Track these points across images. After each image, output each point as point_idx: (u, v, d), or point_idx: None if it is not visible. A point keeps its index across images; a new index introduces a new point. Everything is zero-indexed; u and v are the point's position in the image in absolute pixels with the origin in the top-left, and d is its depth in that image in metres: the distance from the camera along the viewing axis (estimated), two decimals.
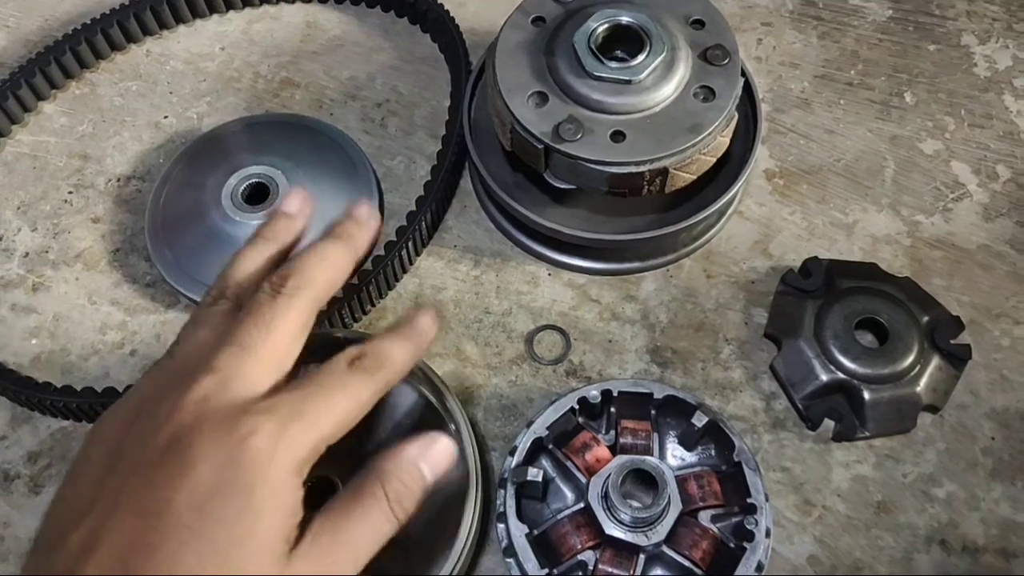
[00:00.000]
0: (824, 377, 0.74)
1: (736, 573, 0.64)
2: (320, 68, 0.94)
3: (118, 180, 0.88)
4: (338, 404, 0.50)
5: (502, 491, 0.67)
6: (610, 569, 0.65)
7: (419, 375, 0.69)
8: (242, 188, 0.80)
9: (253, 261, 0.56)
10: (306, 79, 0.93)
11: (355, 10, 0.98)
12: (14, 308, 0.82)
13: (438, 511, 0.67)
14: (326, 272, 0.54)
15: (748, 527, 0.65)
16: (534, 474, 0.66)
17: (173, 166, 0.85)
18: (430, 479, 0.52)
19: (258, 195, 0.81)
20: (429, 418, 0.70)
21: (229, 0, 0.97)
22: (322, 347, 0.64)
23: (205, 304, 0.54)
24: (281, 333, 0.51)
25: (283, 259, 0.57)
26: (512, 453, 0.68)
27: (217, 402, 0.47)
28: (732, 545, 0.66)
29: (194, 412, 0.47)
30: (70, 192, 0.88)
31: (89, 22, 0.93)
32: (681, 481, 0.67)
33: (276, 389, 0.50)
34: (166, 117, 0.92)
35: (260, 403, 0.48)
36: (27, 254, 0.84)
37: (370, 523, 0.49)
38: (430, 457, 0.52)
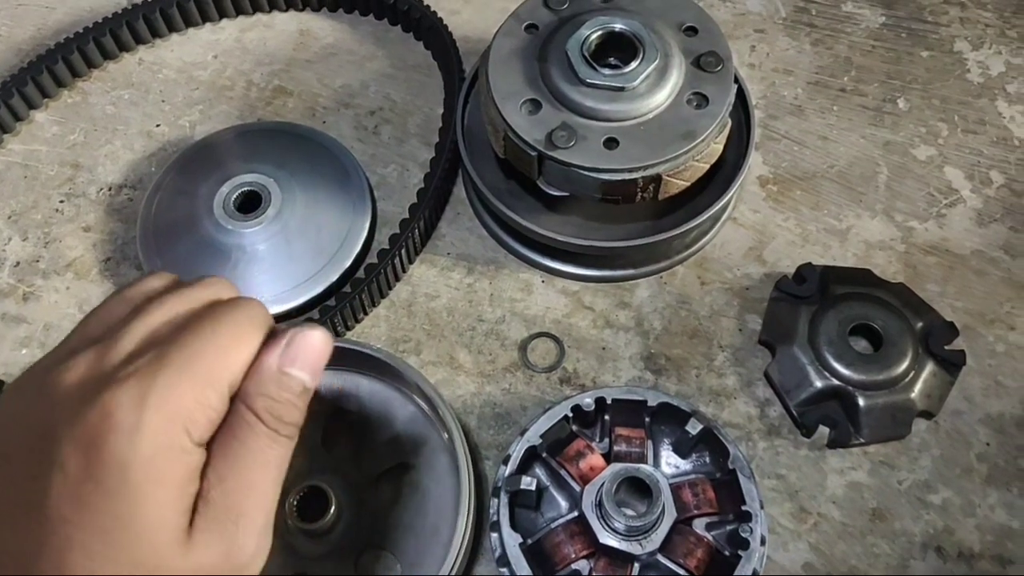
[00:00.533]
0: (818, 384, 0.74)
1: None
2: (313, 76, 0.94)
3: (110, 189, 0.88)
4: (213, 334, 0.43)
5: (495, 500, 0.67)
6: None
7: (412, 384, 0.68)
8: (234, 196, 0.80)
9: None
10: (299, 87, 0.93)
11: (348, 18, 0.98)
12: (4, 318, 0.81)
13: (430, 520, 0.67)
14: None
15: (743, 535, 0.65)
16: (528, 483, 0.66)
17: (165, 175, 0.84)
18: (305, 378, 0.45)
19: (250, 203, 0.80)
20: (422, 427, 0.70)
21: (222, 8, 0.97)
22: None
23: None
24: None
25: None
26: (505, 462, 0.68)
27: (74, 378, 0.42)
28: (727, 553, 0.66)
29: (52, 395, 0.42)
30: (61, 201, 0.87)
31: (81, 31, 0.93)
32: (675, 489, 0.67)
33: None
34: (158, 126, 0.92)
35: (119, 367, 0.42)
36: (18, 263, 0.84)
37: (256, 454, 0.43)
38: (294, 356, 0.45)
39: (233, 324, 0.44)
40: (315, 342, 0.45)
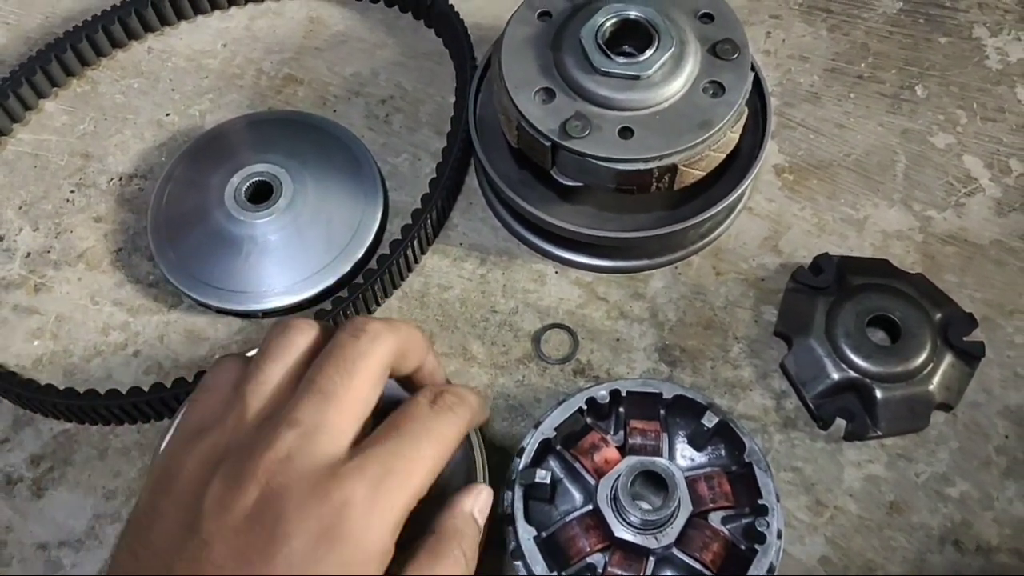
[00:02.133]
0: (835, 376, 0.73)
1: (747, 575, 0.63)
2: (323, 64, 0.93)
3: (120, 179, 0.87)
4: (427, 453, 0.49)
5: (509, 493, 0.66)
6: (619, 572, 0.64)
7: None
8: (245, 187, 0.80)
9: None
10: (309, 75, 0.93)
11: (358, 5, 0.97)
12: (16, 309, 0.81)
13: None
14: (406, 328, 0.54)
15: (759, 528, 0.64)
16: (542, 476, 0.66)
17: (175, 164, 0.84)
18: (482, 526, 0.56)
19: (261, 194, 0.80)
20: None
21: None
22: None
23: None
24: (363, 379, 0.49)
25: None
26: (519, 454, 0.67)
27: (303, 462, 0.45)
28: (743, 547, 0.65)
29: (280, 472, 0.45)
30: (72, 191, 0.87)
31: (90, 19, 0.92)
32: (691, 482, 0.66)
33: (358, 439, 0.48)
34: (168, 115, 0.91)
35: (348, 464, 0.46)
36: (29, 254, 0.84)
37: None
38: (481, 506, 0.56)
39: (445, 434, 0.51)
40: (490, 498, 0.57)
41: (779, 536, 0.64)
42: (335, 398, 0.47)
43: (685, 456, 0.71)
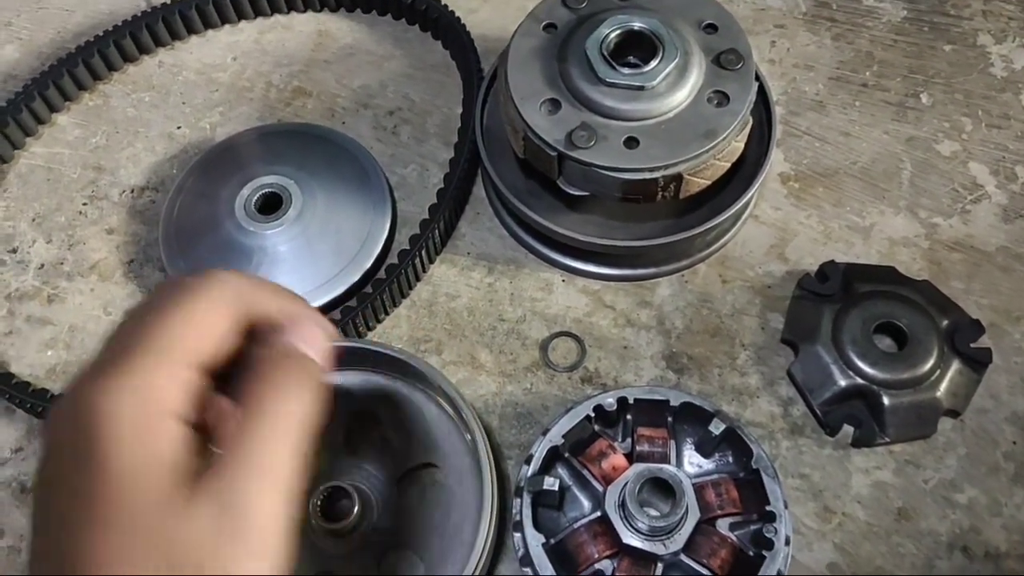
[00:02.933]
0: (842, 382, 0.73)
1: None
2: (332, 77, 0.94)
3: (132, 191, 0.88)
4: (172, 314, 0.44)
5: (518, 500, 0.67)
6: None
7: (433, 385, 0.68)
8: (255, 198, 0.80)
9: None
10: (318, 88, 0.93)
11: (366, 18, 0.98)
12: (30, 320, 0.82)
13: (453, 521, 0.67)
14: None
15: (767, 535, 0.64)
16: (550, 483, 0.66)
17: (186, 176, 0.85)
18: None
19: (271, 205, 0.81)
20: (444, 427, 0.70)
21: (241, 10, 0.97)
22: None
23: None
24: None
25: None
26: (528, 462, 0.68)
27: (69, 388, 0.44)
28: (751, 553, 0.65)
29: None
30: (84, 203, 0.88)
31: (101, 34, 0.94)
32: (699, 489, 0.67)
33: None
34: (179, 127, 0.92)
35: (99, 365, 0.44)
36: (42, 266, 0.85)
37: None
38: (308, 339, 0.47)
39: (191, 302, 0.45)
40: (321, 329, 0.47)
41: (787, 542, 0.64)
42: None
43: (693, 463, 0.71)
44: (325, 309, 0.79)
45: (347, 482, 0.65)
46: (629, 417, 0.71)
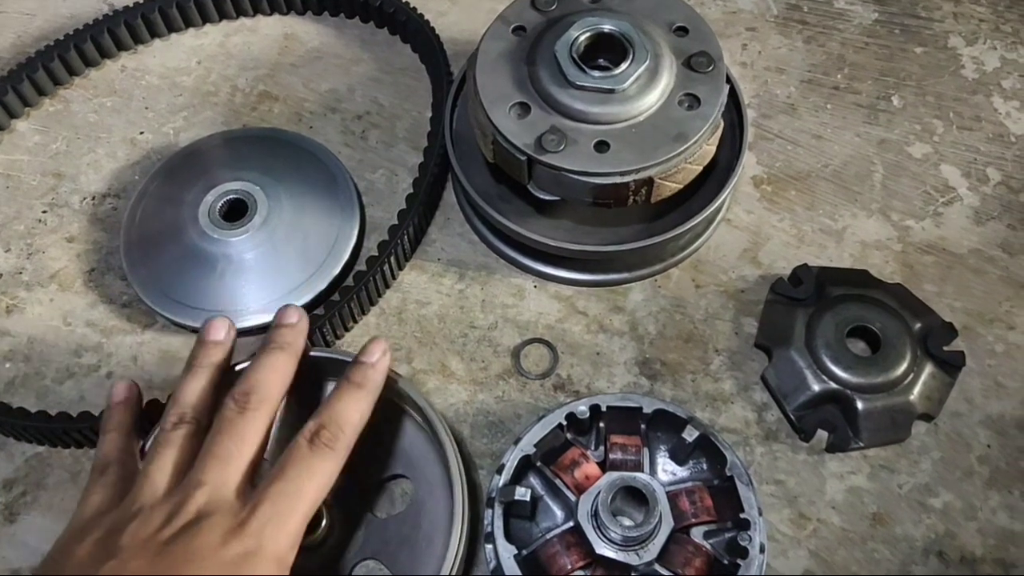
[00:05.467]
0: (816, 387, 0.73)
1: None
2: (299, 81, 0.93)
3: (93, 198, 0.86)
4: (308, 489, 0.55)
5: (489, 511, 0.65)
6: None
7: (403, 395, 0.67)
8: (220, 204, 0.79)
9: (199, 385, 0.61)
10: (284, 92, 0.92)
11: (334, 21, 0.97)
12: None
13: (423, 532, 0.66)
14: (278, 382, 0.60)
15: (742, 543, 0.63)
16: (522, 493, 0.65)
17: (149, 183, 0.83)
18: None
19: (236, 211, 0.79)
20: (414, 437, 0.69)
21: (205, 13, 0.95)
22: (306, 367, 0.63)
23: (166, 429, 0.58)
24: (251, 443, 0.57)
25: (220, 379, 0.62)
26: (499, 471, 0.67)
27: (210, 510, 0.52)
28: (726, 562, 0.64)
29: (192, 516, 0.52)
30: (44, 211, 0.86)
31: (62, 38, 0.92)
32: (672, 497, 0.66)
33: (250, 487, 0.55)
34: (142, 133, 0.90)
35: (245, 510, 0.53)
36: (0, 275, 0.82)
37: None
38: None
39: (324, 469, 0.56)
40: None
41: (762, 550, 0.64)
42: (232, 461, 0.55)
43: (667, 471, 0.70)
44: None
45: None
46: (602, 425, 0.70)
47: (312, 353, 0.66)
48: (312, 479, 0.55)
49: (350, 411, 0.58)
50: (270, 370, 0.60)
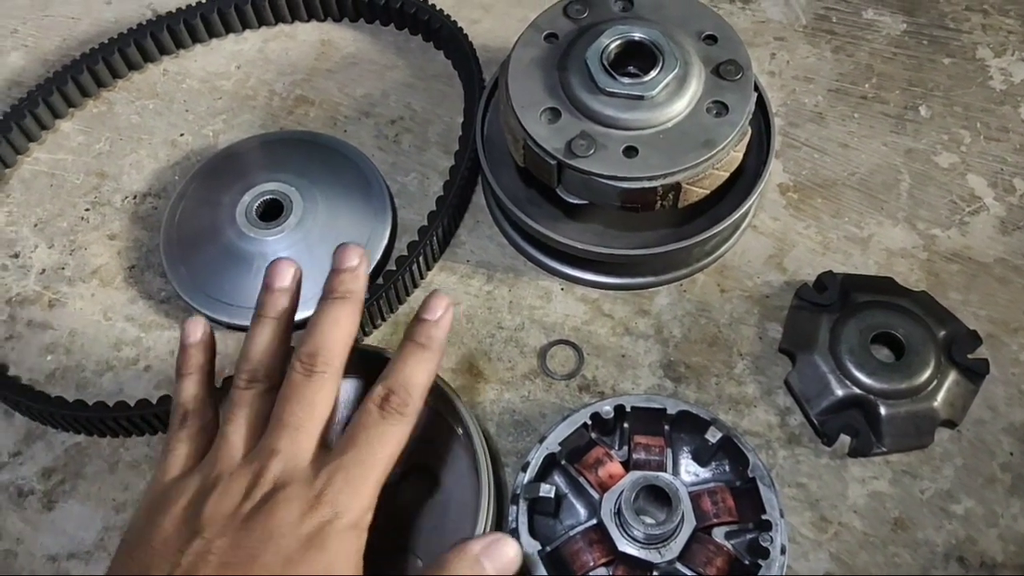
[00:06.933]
0: (840, 392, 0.73)
1: None
2: (334, 85, 0.95)
3: (134, 197, 0.89)
4: (381, 456, 0.55)
5: (514, 507, 0.67)
6: None
7: (433, 388, 0.68)
8: (256, 205, 0.81)
9: (267, 340, 0.60)
10: (320, 96, 0.94)
11: (369, 28, 0.99)
12: (30, 324, 0.82)
13: (450, 526, 0.67)
14: (342, 338, 0.59)
15: (763, 544, 0.64)
16: (546, 490, 0.66)
17: (188, 183, 0.85)
18: (491, 574, 0.53)
19: (272, 212, 0.81)
20: (442, 430, 0.70)
21: (245, 19, 0.98)
22: None
23: (239, 387, 0.58)
24: (321, 408, 0.56)
25: (289, 329, 0.62)
26: (524, 469, 0.68)
27: (286, 480, 0.53)
28: (747, 562, 0.65)
29: (268, 487, 0.53)
30: (87, 209, 0.88)
31: (107, 41, 0.94)
32: (695, 497, 0.67)
33: (323, 452, 0.55)
34: (182, 135, 0.93)
35: (319, 478, 0.53)
36: (43, 271, 0.85)
37: None
38: (493, 555, 0.53)
39: (395, 435, 0.55)
40: (514, 553, 0.53)
41: (783, 551, 0.65)
42: (303, 429, 0.55)
43: (689, 471, 0.71)
44: None
45: None
46: (626, 425, 0.71)
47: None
48: (384, 446, 0.55)
49: (418, 373, 0.57)
50: (333, 324, 0.58)
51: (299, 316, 0.77)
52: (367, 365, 0.70)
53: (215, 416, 0.60)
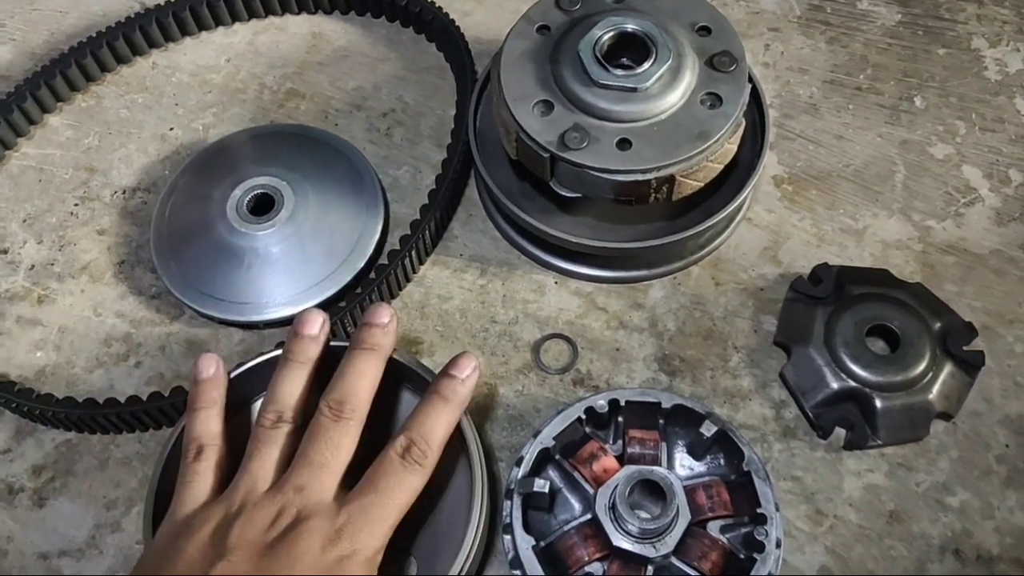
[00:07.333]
0: (835, 385, 0.73)
1: None
2: (325, 79, 0.94)
3: (124, 192, 0.88)
4: (398, 500, 0.58)
5: (508, 502, 0.66)
6: None
7: (426, 384, 0.68)
8: (247, 199, 0.80)
9: (295, 384, 0.63)
10: (311, 90, 0.93)
11: (360, 20, 0.98)
12: (19, 321, 0.82)
13: (443, 521, 0.67)
14: (368, 387, 0.62)
15: (758, 537, 0.64)
16: (541, 485, 0.66)
17: (179, 177, 0.85)
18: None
19: (263, 206, 0.81)
20: None
21: (235, 12, 0.97)
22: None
23: (266, 426, 0.61)
24: (345, 451, 0.60)
25: (316, 373, 0.64)
26: (518, 464, 0.67)
27: (309, 513, 0.56)
28: (742, 556, 0.65)
29: (292, 519, 0.56)
30: (76, 204, 0.88)
31: (95, 35, 0.93)
32: (690, 491, 0.66)
33: (344, 491, 0.59)
34: (172, 129, 0.92)
35: (339, 517, 0.56)
36: (33, 267, 0.84)
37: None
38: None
39: (413, 484, 0.59)
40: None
41: (778, 545, 0.64)
42: (327, 468, 0.59)
43: (684, 465, 0.71)
44: (323, 307, 0.78)
45: None
46: (620, 419, 0.71)
47: (333, 343, 0.67)
48: (402, 493, 0.58)
49: (439, 428, 0.61)
50: (361, 375, 0.62)
51: (281, 315, 0.77)
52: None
53: (229, 450, 0.62)
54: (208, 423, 0.62)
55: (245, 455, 0.60)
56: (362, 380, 0.62)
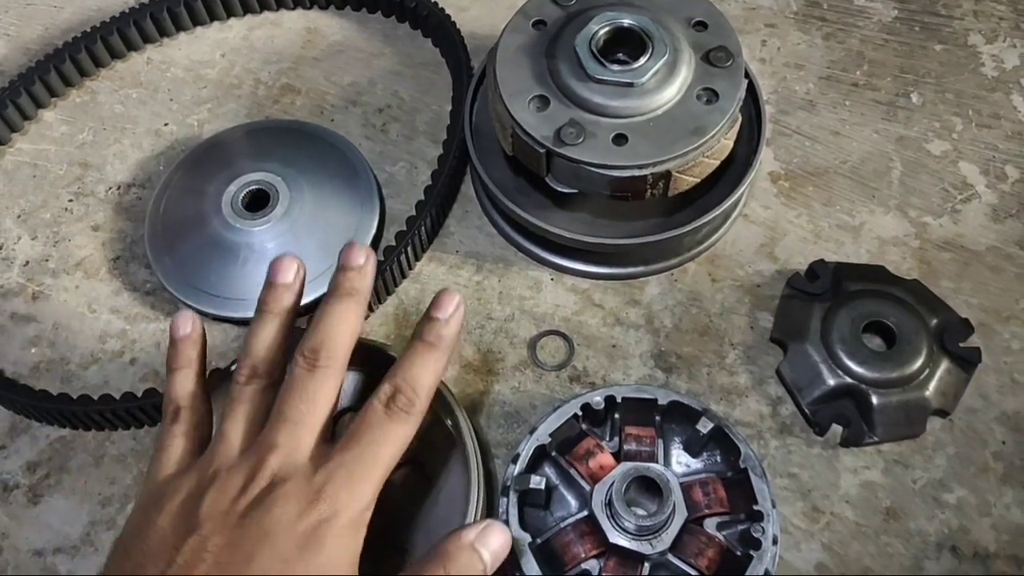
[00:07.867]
0: (831, 381, 0.73)
1: None
2: (321, 74, 0.94)
3: (118, 188, 0.88)
4: (384, 455, 0.54)
5: (504, 499, 0.66)
6: None
7: None
8: (242, 195, 0.80)
9: (270, 336, 0.59)
10: (307, 85, 0.93)
11: (356, 16, 0.98)
12: (14, 317, 0.81)
13: (439, 518, 0.66)
14: (347, 334, 0.58)
15: (755, 534, 0.64)
16: (537, 482, 0.65)
17: (173, 173, 0.84)
18: (488, 563, 0.53)
19: (258, 202, 0.80)
20: (432, 423, 0.70)
21: (230, 7, 0.96)
22: None
23: (240, 383, 0.58)
24: (322, 403, 0.55)
25: (292, 325, 0.60)
26: (515, 461, 0.67)
27: (284, 475, 0.52)
28: (739, 553, 0.65)
29: (267, 482, 0.52)
30: (70, 200, 0.87)
31: (89, 30, 0.93)
32: (686, 488, 0.66)
33: (324, 448, 0.55)
34: (166, 124, 0.91)
35: (320, 474, 0.52)
36: (27, 263, 0.84)
37: None
38: (487, 541, 0.53)
39: (399, 434, 0.55)
40: (506, 538, 0.54)
41: (775, 542, 0.64)
42: (303, 423, 0.54)
43: (680, 462, 0.71)
44: (312, 307, 0.78)
45: None
46: (617, 416, 0.71)
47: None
48: (388, 445, 0.54)
49: (425, 374, 0.56)
50: (338, 321, 0.57)
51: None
52: (368, 360, 0.69)
53: (208, 411, 0.60)
54: (185, 383, 0.59)
55: (219, 416, 0.57)
56: (340, 326, 0.57)
